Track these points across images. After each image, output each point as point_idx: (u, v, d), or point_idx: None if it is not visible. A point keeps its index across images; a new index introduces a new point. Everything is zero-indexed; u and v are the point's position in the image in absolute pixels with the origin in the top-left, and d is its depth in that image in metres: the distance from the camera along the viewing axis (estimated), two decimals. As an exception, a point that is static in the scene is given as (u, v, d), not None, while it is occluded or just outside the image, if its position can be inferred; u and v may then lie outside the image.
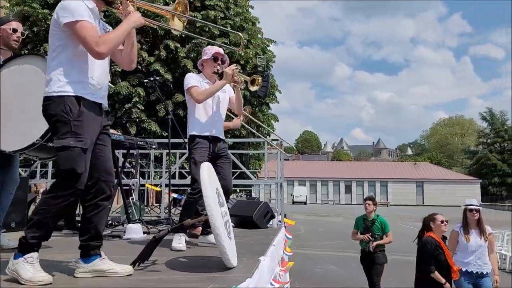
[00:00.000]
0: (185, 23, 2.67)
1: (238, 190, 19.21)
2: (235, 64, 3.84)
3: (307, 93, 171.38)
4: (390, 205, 49.54)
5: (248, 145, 17.36)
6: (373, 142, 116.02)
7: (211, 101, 3.76)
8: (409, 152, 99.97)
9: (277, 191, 6.62)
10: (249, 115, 5.05)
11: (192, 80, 3.73)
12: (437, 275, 4.48)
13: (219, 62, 3.83)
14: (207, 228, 3.77)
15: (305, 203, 48.87)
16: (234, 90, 3.98)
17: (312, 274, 9.38)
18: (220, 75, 3.77)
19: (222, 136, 3.85)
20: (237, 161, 7.03)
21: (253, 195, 21.39)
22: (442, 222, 4.74)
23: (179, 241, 3.43)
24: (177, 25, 2.65)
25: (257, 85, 3.99)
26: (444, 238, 4.83)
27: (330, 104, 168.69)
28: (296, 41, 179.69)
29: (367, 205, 6.31)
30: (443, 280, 4.45)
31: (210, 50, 3.86)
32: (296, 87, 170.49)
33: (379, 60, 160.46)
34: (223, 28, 9.39)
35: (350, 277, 9.60)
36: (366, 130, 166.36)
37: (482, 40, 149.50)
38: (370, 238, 6.03)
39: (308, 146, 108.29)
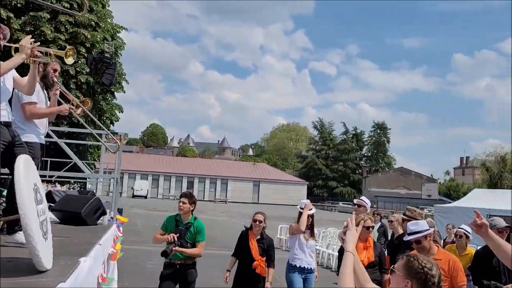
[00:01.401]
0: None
1: (72, 182, 17.79)
2: (30, 35, 3.38)
3: (156, 85, 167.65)
4: (229, 201, 51.89)
5: (87, 136, 16.22)
6: (219, 141, 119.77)
7: None
8: (250, 152, 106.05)
9: (114, 186, 6.35)
10: (86, 109, 4.58)
11: None
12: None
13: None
14: (15, 226, 3.30)
15: (145, 197, 47.83)
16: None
17: (143, 270, 9.24)
18: (15, 50, 3.25)
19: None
20: (69, 151, 6.52)
21: (90, 187, 20.12)
22: (255, 221, 5.28)
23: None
24: None
25: (72, 57, 3.49)
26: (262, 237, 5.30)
27: (179, 99, 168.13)
28: (151, 31, 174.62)
29: (181, 203, 4.80)
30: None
31: None
32: (145, 78, 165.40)
33: (230, 61, 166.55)
34: None
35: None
36: (212, 128, 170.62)
37: (320, 57, 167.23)
38: (175, 240, 4.56)
39: (154, 139, 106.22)
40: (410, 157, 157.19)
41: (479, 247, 5.31)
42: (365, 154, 74.72)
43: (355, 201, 6.27)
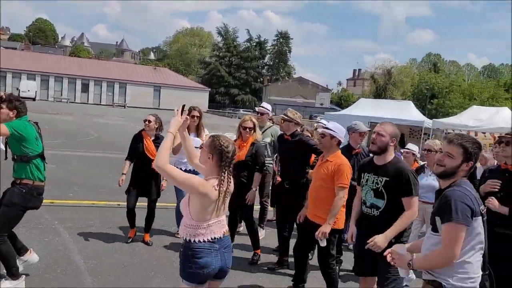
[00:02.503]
0: None
1: None
2: None
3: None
4: (128, 106, 50.31)
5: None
6: (117, 42, 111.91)
7: None
8: (152, 56, 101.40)
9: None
10: None
11: None
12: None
13: None
14: None
15: (34, 99, 44.24)
16: None
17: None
18: None
19: None
20: None
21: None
22: (145, 121, 5.47)
23: None
24: None
25: None
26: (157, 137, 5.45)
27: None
28: None
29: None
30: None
31: None
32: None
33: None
34: None
35: (68, 176, 9.70)
36: (110, 27, 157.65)
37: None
38: None
39: (42, 36, 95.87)
40: (308, 67, 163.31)
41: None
42: (267, 63, 75.79)
43: (257, 109, 6.42)
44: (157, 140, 5.37)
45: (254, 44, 72.30)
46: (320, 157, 4.36)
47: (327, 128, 4.16)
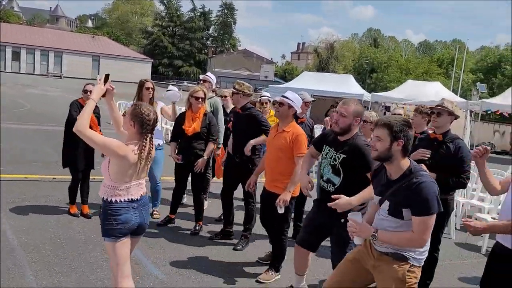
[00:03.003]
0: None
1: None
2: None
3: None
4: (64, 77, 47.74)
5: None
6: (51, 8, 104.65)
7: None
8: (90, 24, 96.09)
9: None
10: None
11: None
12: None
13: None
14: None
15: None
16: None
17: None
18: None
19: None
20: None
21: None
22: (85, 92, 5.30)
23: None
24: None
25: None
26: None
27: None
28: None
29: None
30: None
31: None
32: None
33: None
34: None
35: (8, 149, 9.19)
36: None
37: None
38: None
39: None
40: (254, 40, 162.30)
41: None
42: (212, 34, 74.47)
43: (201, 76, 6.39)
44: (96, 110, 5.19)
45: (198, 14, 70.61)
46: (274, 127, 4.32)
47: (286, 97, 4.11)
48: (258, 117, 4.95)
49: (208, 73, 6.44)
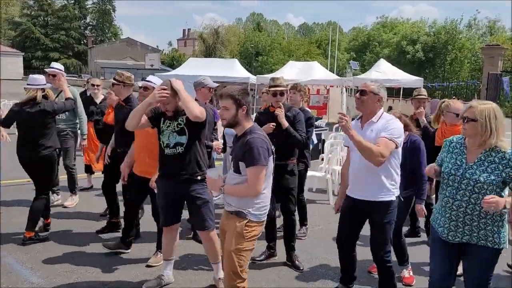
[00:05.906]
0: None
1: None
2: None
3: None
4: None
5: None
6: None
7: None
8: None
9: None
10: None
11: None
12: None
13: None
14: None
15: None
16: None
17: None
18: None
19: None
20: None
21: None
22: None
23: None
24: None
25: None
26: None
27: None
28: None
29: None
30: None
31: None
32: None
33: None
34: None
35: None
36: None
37: None
38: None
39: None
40: (139, 28, 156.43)
41: None
42: (90, 23, 69.98)
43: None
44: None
45: (72, 2, 65.73)
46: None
47: (148, 81, 4.15)
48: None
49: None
